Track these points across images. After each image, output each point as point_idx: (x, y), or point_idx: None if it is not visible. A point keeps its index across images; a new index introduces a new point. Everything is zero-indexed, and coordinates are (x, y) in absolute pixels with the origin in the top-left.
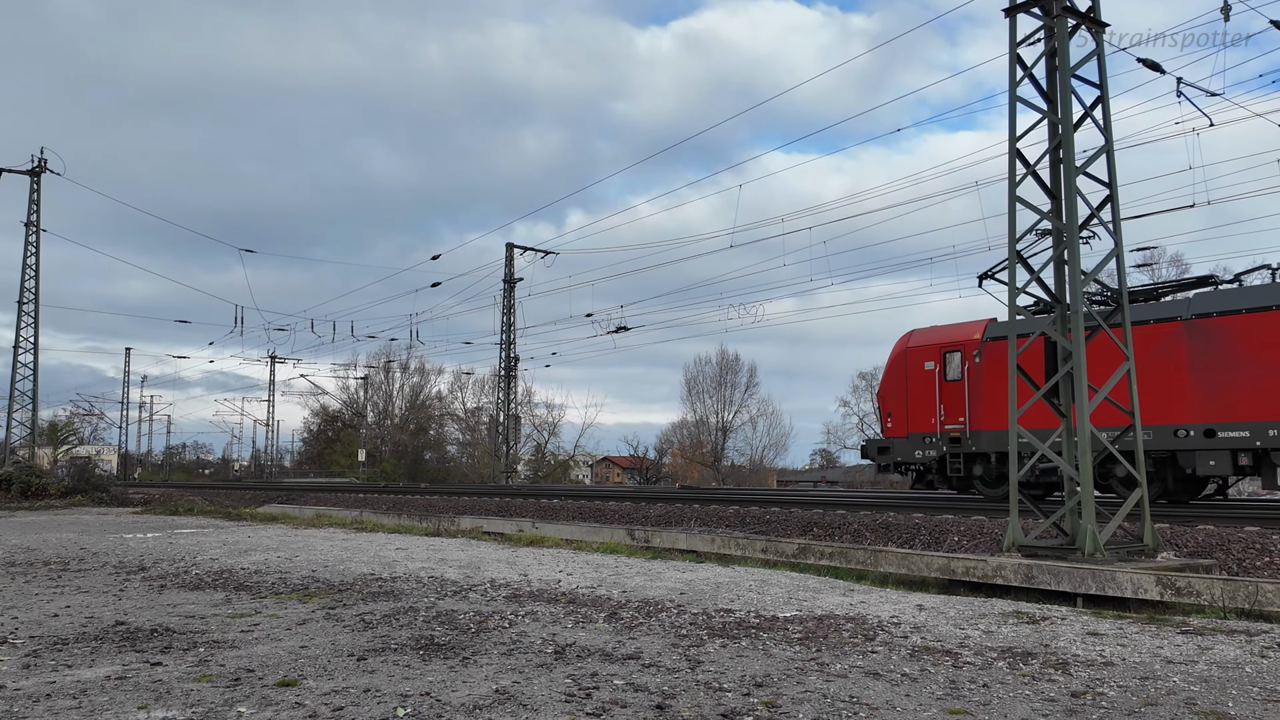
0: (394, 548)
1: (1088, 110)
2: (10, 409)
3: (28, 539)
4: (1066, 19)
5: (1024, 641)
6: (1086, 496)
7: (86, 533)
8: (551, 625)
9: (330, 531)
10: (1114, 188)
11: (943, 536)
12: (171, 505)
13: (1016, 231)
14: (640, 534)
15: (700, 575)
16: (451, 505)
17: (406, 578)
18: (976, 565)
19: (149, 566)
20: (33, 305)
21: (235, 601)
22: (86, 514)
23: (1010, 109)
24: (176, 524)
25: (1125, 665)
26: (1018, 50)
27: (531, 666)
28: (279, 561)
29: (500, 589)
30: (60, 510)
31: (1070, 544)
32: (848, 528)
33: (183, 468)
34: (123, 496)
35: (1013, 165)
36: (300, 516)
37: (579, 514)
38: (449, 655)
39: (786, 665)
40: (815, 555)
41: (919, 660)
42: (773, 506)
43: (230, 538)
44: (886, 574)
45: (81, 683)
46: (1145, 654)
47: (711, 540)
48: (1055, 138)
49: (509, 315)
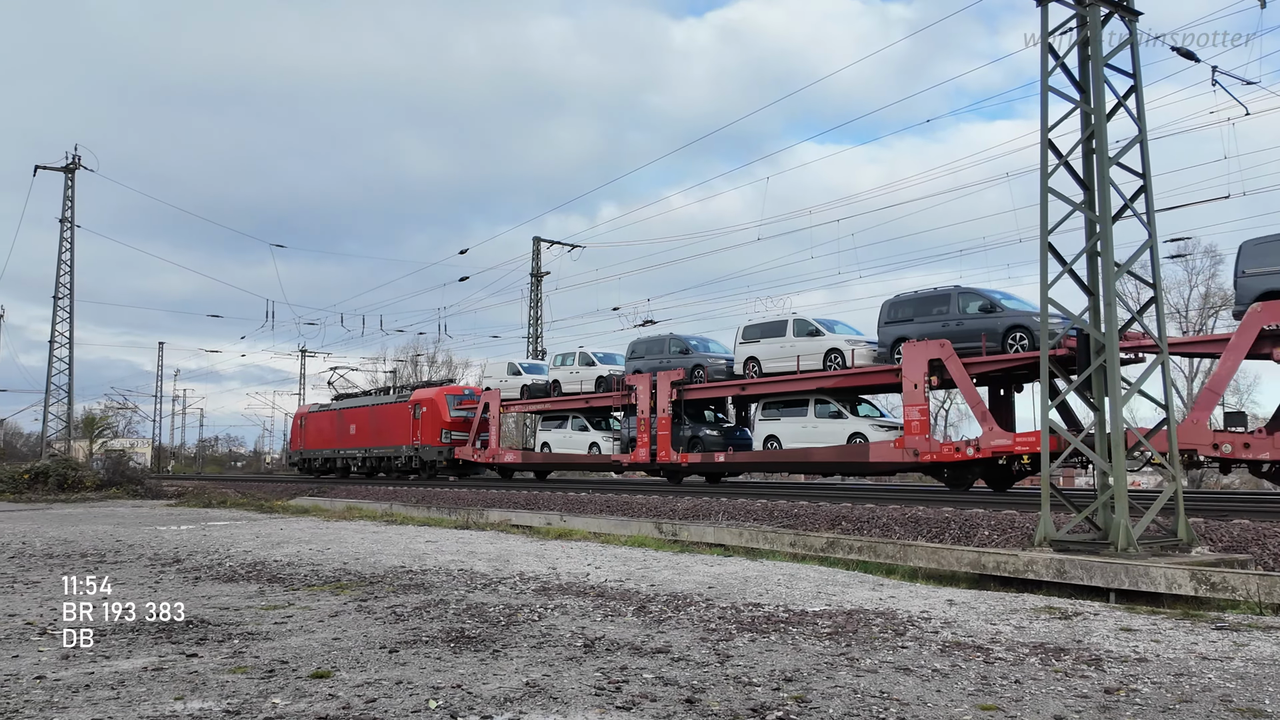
0: (424, 540)
1: (1121, 100)
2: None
3: (65, 531)
4: (1099, 7)
5: (1056, 637)
6: (1120, 490)
7: (122, 525)
8: (581, 618)
9: (361, 524)
10: (1147, 178)
11: (973, 531)
12: (204, 498)
13: (1049, 223)
14: (668, 527)
15: (728, 569)
16: (479, 498)
17: (436, 570)
18: (1008, 560)
19: (184, 559)
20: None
21: (269, 593)
22: (121, 506)
23: (1042, 99)
24: (210, 516)
25: (1159, 661)
26: (1050, 40)
27: (561, 659)
28: (311, 554)
29: (529, 582)
30: (95, 503)
31: (1103, 539)
32: (876, 521)
33: (215, 460)
34: (157, 489)
35: (1045, 156)
36: (331, 509)
37: (606, 507)
38: (479, 648)
39: (816, 660)
40: (844, 549)
41: (950, 656)
42: (800, 500)
43: (263, 530)
44: (916, 568)
45: (119, 674)
46: (1180, 650)
47: (739, 534)
48: (1088, 128)
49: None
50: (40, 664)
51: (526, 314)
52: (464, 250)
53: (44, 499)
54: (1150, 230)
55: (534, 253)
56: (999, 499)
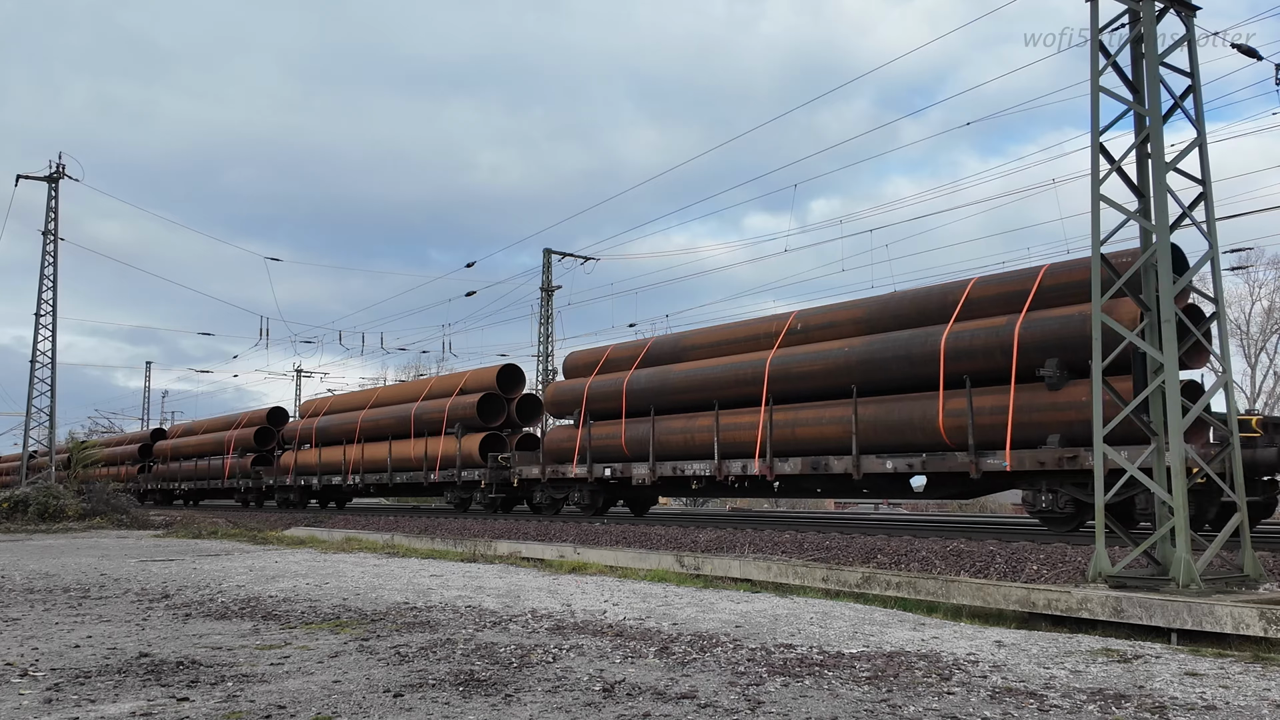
0: (428, 574)
1: (1177, 101)
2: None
3: (46, 564)
4: (1154, 2)
5: (1115, 682)
6: (1180, 522)
7: (107, 557)
8: (598, 660)
9: (361, 556)
10: (1207, 185)
11: (1020, 565)
12: (194, 528)
13: (1100, 233)
14: (690, 560)
15: (756, 606)
16: (487, 528)
17: (442, 607)
18: (1059, 597)
19: (172, 594)
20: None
21: (264, 631)
22: (106, 537)
23: (1093, 100)
24: (200, 548)
25: (1229, 709)
26: (1100, 37)
27: (579, 705)
28: (308, 589)
29: (542, 620)
30: (79, 533)
31: (1162, 574)
32: (915, 555)
33: None
34: (143, 519)
35: (1096, 161)
36: (329, 540)
37: (623, 538)
38: (490, 692)
39: (855, 707)
40: (881, 585)
41: (1000, 703)
42: (832, 531)
43: (256, 563)
44: (959, 606)
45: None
46: (1251, 696)
47: (768, 568)
48: (1142, 131)
49: (547, 325)
50: (21, 708)
51: (536, 330)
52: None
53: (24, 529)
54: (1211, 240)
55: (545, 265)
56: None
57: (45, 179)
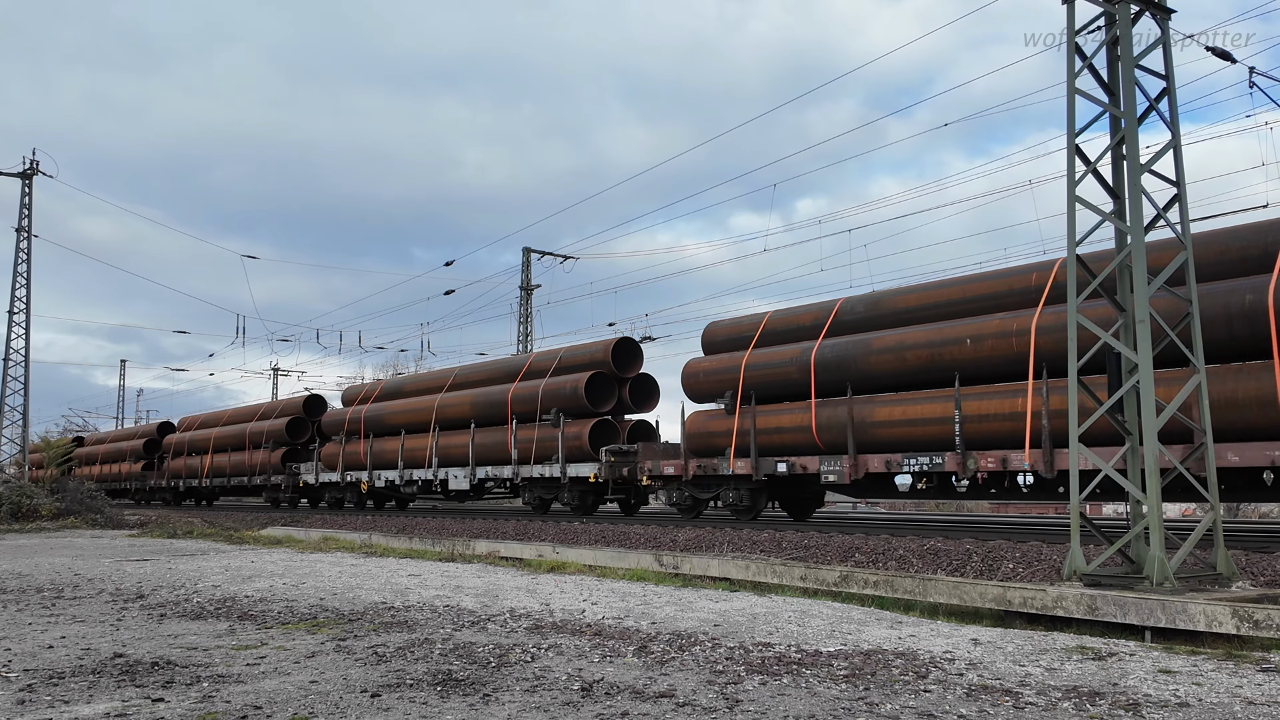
0: (406, 574)
1: (1153, 103)
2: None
3: (19, 564)
4: (1129, 4)
5: (1090, 679)
6: (1155, 521)
7: (81, 557)
8: (577, 659)
9: (338, 556)
10: (1182, 186)
11: (996, 564)
12: (169, 527)
13: (1076, 234)
14: (669, 559)
15: (735, 605)
16: (465, 528)
17: (420, 606)
18: (1035, 595)
19: (147, 594)
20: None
21: (240, 632)
22: (80, 536)
23: (1069, 102)
24: (175, 547)
25: (1202, 706)
26: (1076, 39)
27: (557, 704)
28: (285, 588)
29: (521, 619)
30: (52, 533)
31: (1136, 572)
32: (892, 554)
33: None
34: (118, 518)
35: (1071, 162)
36: (306, 539)
37: (602, 538)
38: (469, 692)
39: (833, 705)
40: (858, 584)
41: (976, 700)
42: (810, 530)
43: (232, 562)
44: (936, 604)
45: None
46: (1223, 693)
47: (746, 566)
48: (1117, 133)
49: (526, 324)
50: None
51: (515, 329)
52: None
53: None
54: (1185, 242)
55: (524, 264)
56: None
57: (19, 175)
